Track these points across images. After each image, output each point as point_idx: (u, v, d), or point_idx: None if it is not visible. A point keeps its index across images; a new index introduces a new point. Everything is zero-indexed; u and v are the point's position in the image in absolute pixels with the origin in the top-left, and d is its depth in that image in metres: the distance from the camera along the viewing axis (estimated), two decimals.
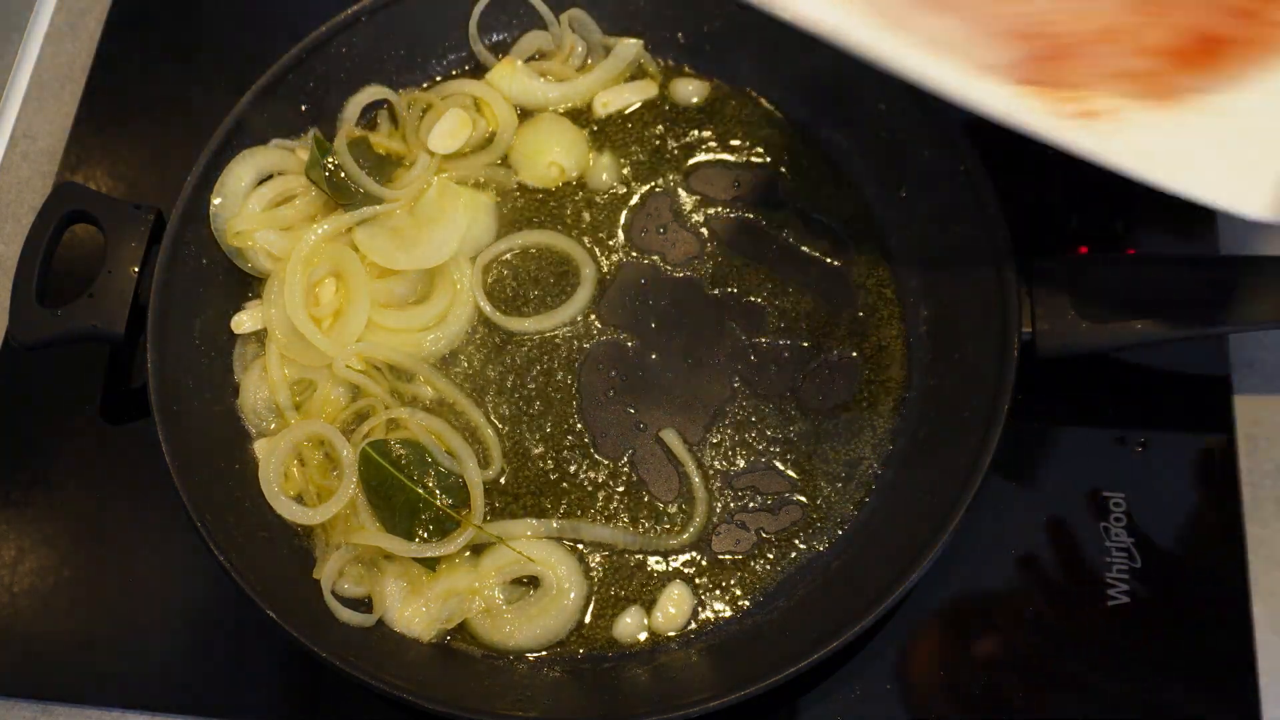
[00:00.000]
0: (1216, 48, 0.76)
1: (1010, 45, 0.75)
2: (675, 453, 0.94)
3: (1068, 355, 0.89)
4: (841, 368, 0.96)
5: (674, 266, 1.00)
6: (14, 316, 0.93)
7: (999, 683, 0.88)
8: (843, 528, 0.91)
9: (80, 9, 1.21)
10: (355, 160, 0.98)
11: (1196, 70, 0.76)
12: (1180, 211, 1.02)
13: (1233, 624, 0.88)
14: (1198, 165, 0.74)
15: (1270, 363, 0.97)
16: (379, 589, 0.89)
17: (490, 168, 1.02)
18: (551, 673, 0.87)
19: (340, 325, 0.94)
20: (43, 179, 1.13)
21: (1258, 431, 0.94)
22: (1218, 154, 0.75)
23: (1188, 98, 0.76)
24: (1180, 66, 0.76)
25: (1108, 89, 0.76)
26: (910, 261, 0.98)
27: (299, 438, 0.92)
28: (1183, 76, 0.76)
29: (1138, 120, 0.75)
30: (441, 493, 0.90)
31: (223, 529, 0.86)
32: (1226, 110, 0.76)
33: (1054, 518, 0.92)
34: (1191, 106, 0.76)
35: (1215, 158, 0.74)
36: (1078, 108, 0.75)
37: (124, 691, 0.92)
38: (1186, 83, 0.76)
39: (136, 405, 0.99)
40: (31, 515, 0.98)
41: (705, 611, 0.89)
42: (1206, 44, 0.76)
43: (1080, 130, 0.74)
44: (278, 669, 0.92)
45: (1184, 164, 0.74)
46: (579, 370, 0.97)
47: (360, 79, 1.03)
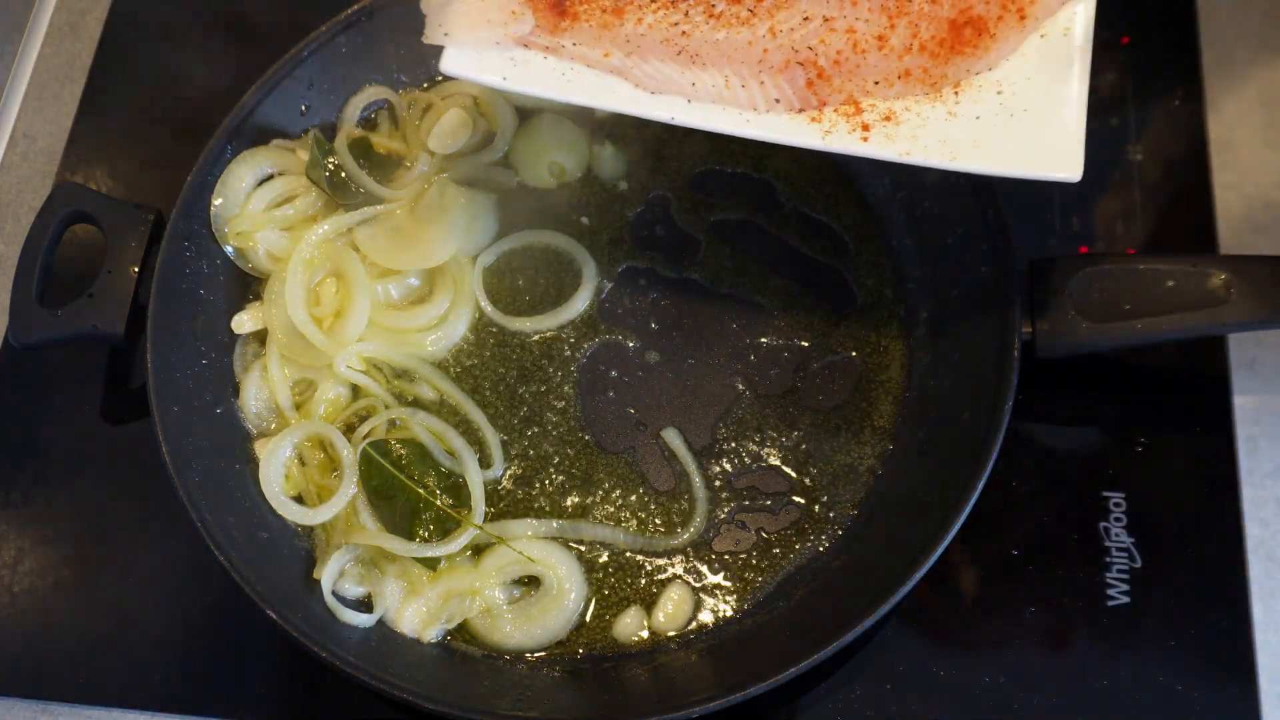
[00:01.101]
0: (976, 28, 0.79)
1: (785, 76, 0.78)
2: (675, 452, 0.94)
3: (1068, 355, 0.89)
4: (841, 368, 0.96)
5: (674, 266, 1.00)
6: (14, 316, 0.93)
7: (999, 682, 0.88)
8: (843, 528, 0.91)
9: (80, 9, 1.21)
10: (356, 160, 0.98)
11: (963, 54, 0.79)
12: (1180, 212, 1.03)
13: (1233, 624, 0.88)
14: (994, 143, 0.77)
15: (1270, 363, 0.97)
16: (379, 589, 0.89)
17: (491, 168, 1.02)
18: (551, 673, 0.87)
19: (341, 325, 0.94)
20: (43, 179, 1.13)
21: (1258, 431, 0.94)
22: (1008, 128, 0.77)
23: (964, 83, 0.79)
24: (948, 55, 0.79)
25: (893, 92, 0.79)
26: (910, 261, 0.98)
27: (299, 438, 0.92)
28: (953, 64, 0.79)
29: (931, 114, 0.78)
30: (442, 493, 0.90)
31: (223, 529, 0.86)
32: (1002, 85, 0.79)
33: (1054, 518, 0.92)
34: (971, 90, 0.79)
35: (1008, 132, 0.77)
36: (869, 116, 0.78)
37: (124, 691, 0.92)
38: (958, 69, 0.79)
39: (136, 405, 1.00)
40: (31, 515, 0.98)
41: (705, 612, 0.89)
42: (966, 27, 0.79)
43: (881, 139, 0.78)
44: (278, 669, 0.92)
45: (983, 144, 0.77)
46: (579, 370, 0.97)
47: (360, 79, 1.03)
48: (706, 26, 0.79)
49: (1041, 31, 0.79)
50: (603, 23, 0.80)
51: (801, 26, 0.79)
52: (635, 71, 0.79)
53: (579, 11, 0.80)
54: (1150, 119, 1.06)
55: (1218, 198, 1.02)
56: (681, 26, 0.79)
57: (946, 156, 0.77)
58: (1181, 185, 1.03)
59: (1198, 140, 1.04)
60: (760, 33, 0.79)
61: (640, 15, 0.80)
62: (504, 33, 0.79)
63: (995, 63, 0.79)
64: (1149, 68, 1.08)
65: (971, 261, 0.93)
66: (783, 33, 0.79)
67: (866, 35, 0.79)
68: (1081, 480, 0.93)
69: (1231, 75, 1.07)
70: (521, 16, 0.79)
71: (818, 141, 0.78)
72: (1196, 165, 1.03)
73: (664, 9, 0.80)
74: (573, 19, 0.80)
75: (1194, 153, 1.04)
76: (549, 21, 0.80)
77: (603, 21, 0.80)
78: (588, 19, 0.80)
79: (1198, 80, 1.07)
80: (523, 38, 0.79)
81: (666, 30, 0.79)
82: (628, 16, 0.80)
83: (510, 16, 0.79)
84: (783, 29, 0.79)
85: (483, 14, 0.79)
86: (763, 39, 0.79)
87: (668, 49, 0.79)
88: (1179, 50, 1.08)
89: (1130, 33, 1.09)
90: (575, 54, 0.80)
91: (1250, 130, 1.05)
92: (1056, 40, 0.79)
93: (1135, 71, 1.08)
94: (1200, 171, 1.03)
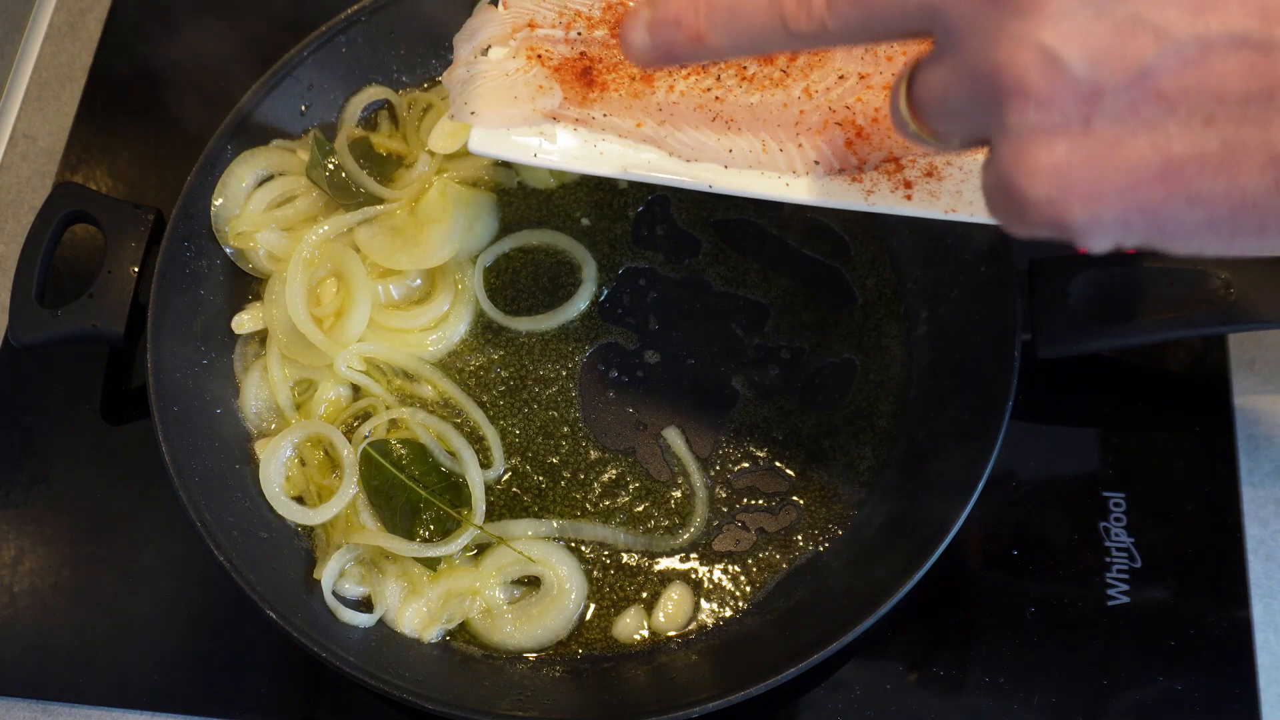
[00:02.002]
0: None
1: (824, 137, 0.77)
2: (676, 452, 0.94)
3: (1068, 355, 0.89)
4: (841, 368, 0.96)
5: (674, 266, 1.00)
6: (14, 316, 0.93)
7: (999, 682, 0.88)
8: (843, 528, 0.91)
9: (80, 9, 1.21)
10: (356, 160, 0.98)
11: None
12: None
13: (1233, 624, 0.88)
14: None
15: (1270, 363, 0.97)
16: (380, 589, 0.89)
17: (491, 168, 1.02)
18: (551, 673, 0.87)
19: (341, 325, 0.94)
20: (43, 179, 1.13)
21: (1258, 431, 0.94)
22: None
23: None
24: None
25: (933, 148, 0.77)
26: (910, 261, 0.98)
27: (300, 438, 0.92)
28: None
29: (974, 167, 0.77)
30: (442, 493, 0.90)
31: (223, 529, 0.86)
32: None
33: (1054, 518, 0.92)
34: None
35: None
36: (910, 173, 0.76)
37: (124, 691, 0.92)
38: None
39: (136, 405, 1.00)
40: (31, 515, 0.98)
41: (705, 611, 0.89)
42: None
43: (925, 196, 0.76)
44: (278, 669, 0.92)
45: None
46: (580, 370, 0.97)
47: (361, 79, 1.03)
48: (740, 90, 0.77)
49: None
50: (633, 91, 0.77)
51: (837, 85, 0.77)
52: (669, 140, 0.77)
53: (608, 81, 0.78)
54: None
55: None
56: (714, 92, 0.77)
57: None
58: None
59: None
60: (795, 94, 0.77)
61: (671, 82, 0.78)
62: (533, 108, 0.76)
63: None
64: None
65: (971, 261, 0.93)
66: (818, 93, 0.77)
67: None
68: (1081, 480, 0.93)
69: None
70: (549, 91, 0.77)
71: (861, 203, 0.76)
72: None
73: (695, 74, 0.78)
74: (602, 89, 0.77)
75: None
76: (578, 94, 0.77)
77: (633, 90, 0.77)
78: (617, 88, 0.77)
79: None
80: (552, 111, 0.77)
81: (699, 96, 0.77)
82: (658, 84, 0.77)
83: (538, 91, 0.77)
84: (818, 89, 0.77)
85: (509, 90, 0.77)
86: (798, 100, 0.77)
87: (702, 115, 0.77)
88: None
89: None
90: (607, 125, 0.77)
91: None
92: None
93: None
94: None
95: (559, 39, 0.79)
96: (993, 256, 0.90)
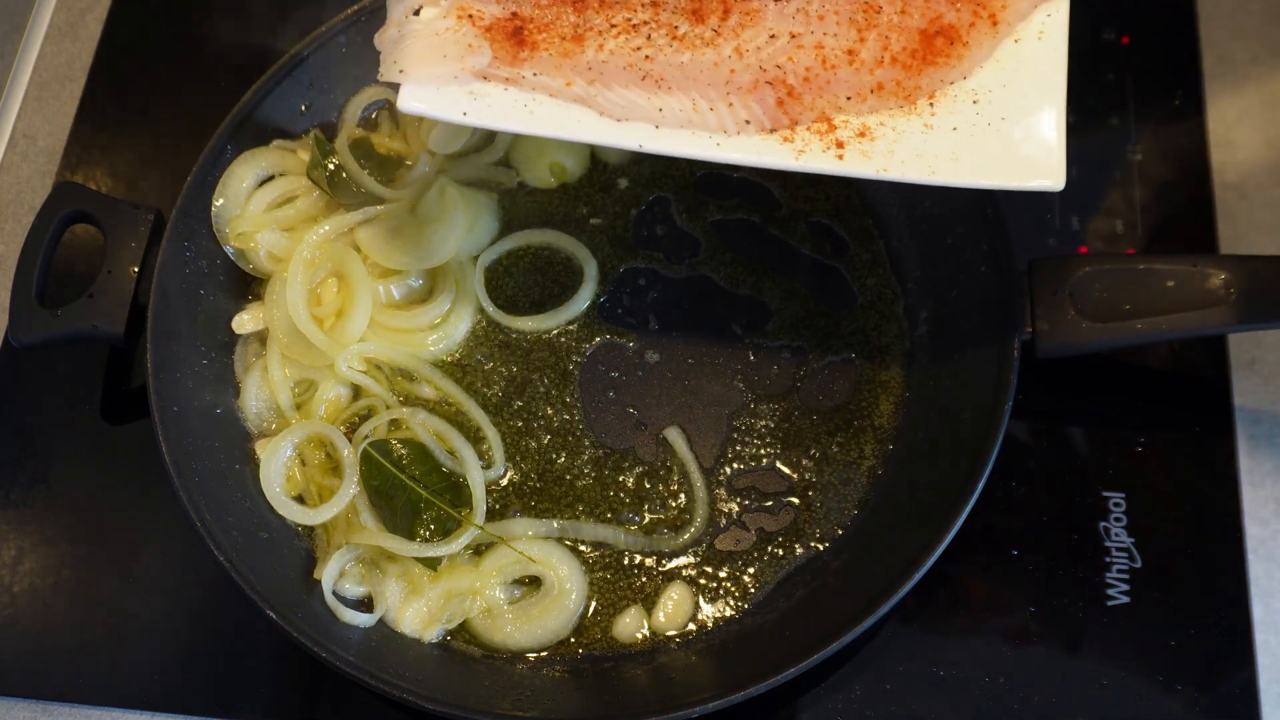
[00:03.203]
0: (947, 37, 0.77)
1: (754, 96, 0.77)
2: (676, 452, 0.94)
3: (1068, 355, 0.89)
4: (841, 368, 0.96)
5: (675, 266, 1.00)
6: (14, 316, 0.93)
7: (999, 682, 0.88)
8: (843, 528, 0.91)
9: (80, 9, 1.21)
10: (357, 160, 0.98)
11: (936, 64, 0.77)
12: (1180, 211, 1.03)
13: (1233, 624, 0.88)
14: (973, 155, 0.76)
15: (1270, 363, 0.97)
16: (380, 589, 0.89)
17: (491, 168, 1.02)
18: (551, 673, 0.87)
19: (342, 325, 0.94)
20: (43, 179, 1.13)
21: (1258, 431, 0.94)
22: (987, 139, 0.76)
23: (939, 93, 0.77)
24: (921, 66, 0.77)
25: (866, 107, 0.77)
26: (910, 261, 0.98)
27: (300, 438, 0.92)
28: (926, 75, 0.77)
29: (906, 128, 0.77)
30: (443, 493, 0.90)
31: (223, 529, 0.86)
32: (978, 94, 0.77)
33: (1054, 518, 0.92)
34: (946, 101, 0.77)
35: (987, 143, 0.76)
36: (843, 134, 0.77)
37: (124, 691, 0.92)
38: (931, 80, 0.77)
39: (136, 405, 1.00)
40: (31, 515, 0.98)
41: (705, 611, 0.89)
42: (938, 36, 0.78)
43: (857, 156, 0.76)
44: (278, 669, 0.92)
45: (962, 157, 0.76)
46: (580, 370, 0.97)
47: (361, 79, 1.03)
48: (670, 49, 0.77)
49: (1015, 36, 0.78)
50: (563, 51, 0.77)
51: (768, 45, 0.77)
52: (599, 99, 0.77)
53: (538, 40, 0.78)
54: (1150, 119, 1.06)
55: (1218, 198, 1.02)
56: (644, 51, 0.78)
57: (925, 171, 0.75)
58: (1181, 185, 1.03)
59: (1198, 140, 1.04)
60: (726, 53, 0.77)
61: (601, 41, 0.78)
62: (461, 66, 0.76)
63: (970, 71, 0.78)
64: (1149, 68, 1.08)
65: (971, 261, 0.93)
66: (749, 52, 0.77)
67: (835, 50, 0.77)
68: (1081, 480, 0.93)
69: (1231, 75, 1.07)
70: (478, 49, 0.77)
71: (791, 162, 0.76)
72: (1196, 165, 1.03)
73: (625, 34, 0.78)
74: (532, 48, 0.77)
75: (1194, 153, 1.04)
76: (507, 52, 0.77)
77: (563, 50, 0.77)
78: (547, 48, 0.77)
79: (1198, 80, 1.07)
80: (481, 70, 0.77)
81: (629, 55, 0.77)
82: (588, 43, 0.77)
83: (467, 50, 0.77)
84: (749, 48, 0.77)
85: (438, 49, 0.77)
86: (729, 59, 0.77)
87: (631, 74, 0.77)
88: (1179, 50, 1.08)
89: (1130, 33, 1.09)
90: (537, 84, 0.77)
91: (1250, 130, 1.05)
92: (1031, 45, 0.78)
93: (1135, 71, 1.08)
94: (1200, 171, 1.03)
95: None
96: (993, 256, 0.91)
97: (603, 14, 0.79)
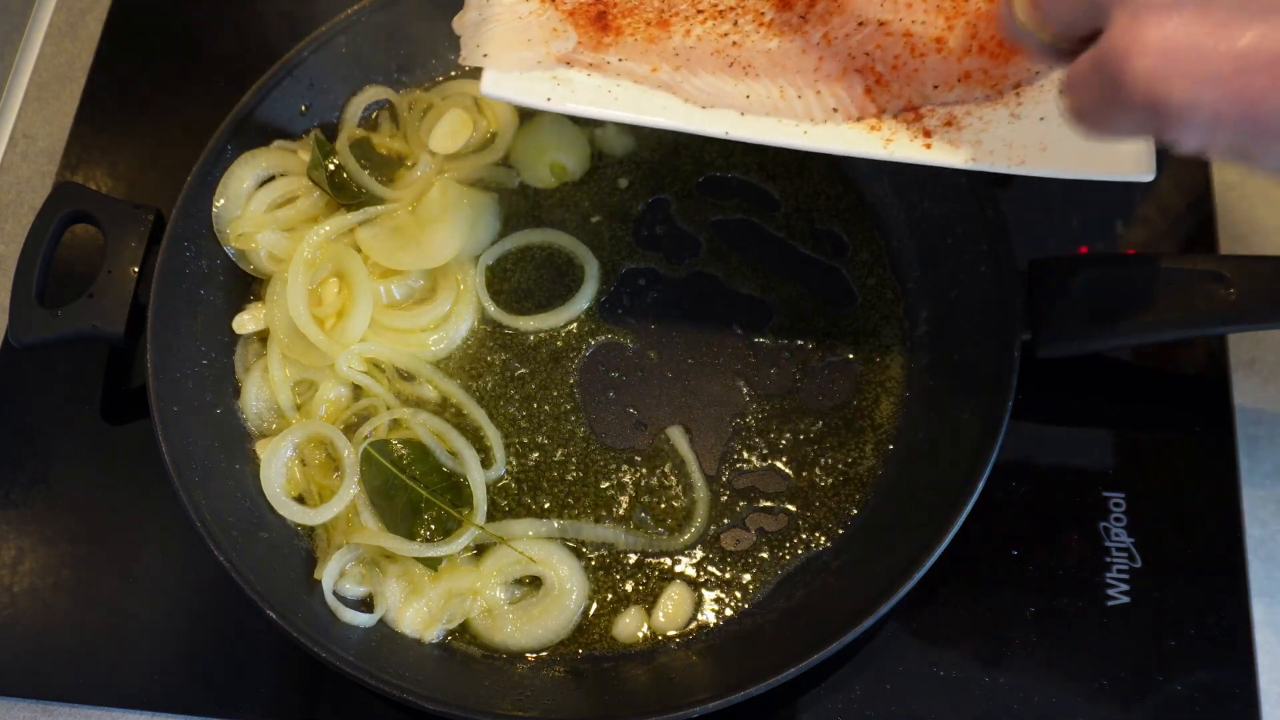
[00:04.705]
0: None
1: (842, 84, 0.76)
2: (677, 452, 0.94)
3: (1068, 355, 0.89)
4: (841, 368, 0.96)
5: (675, 266, 1.00)
6: (14, 316, 0.93)
7: (999, 682, 0.88)
8: (843, 528, 0.91)
9: (80, 9, 1.21)
10: (357, 161, 0.98)
11: (1023, 54, 0.75)
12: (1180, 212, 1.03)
13: (1233, 624, 0.88)
14: (1062, 145, 0.74)
15: (1270, 363, 0.97)
16: (381, 589, 0.89)
17: (492, 168, 1.02)
18: (551, 673, 0.87)
19: (343, 325, 0.94)
20: (43, 179, 1.13)
21: (1258, 431, 0.94)
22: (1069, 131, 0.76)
23: (1026, 83, 0.76)
24: (1008, 55, 0.76)
25: (953, 96, 0.76)
26: (910, 261, 0.98)
27: (300, 438, 0.92)
28: (1014, 64, 0.76)
29: (994, 117, 0.76)
30: (443, 492, 0.90)
31: (223, 529, 0.86)
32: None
33: (1054, 518, 0.92)
34: (1034, 91, 0.76)
35: (1075, 133, 0.75)
36: (930, 122, 0.75)
37: (124, 691, 0.91)
38: (1019, 69, 0.76)
39: (136, 405, 0.99)
40: (31, 515, 0.98)
41: (705, 611, 0.89)
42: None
43: (945, 146, 0.75)
44: (278, 669, 0.92)
45: (1050, 147, 0.74)
46: (581, 370, 0.97)
47: (361, 79, 1.03)
48: (758, 36, 0.76)
49: None
50: (648, 36, 0.76)
51: (857, 32, 0.76)
52: (685, 86, 0.76)
53: (623, 25, 0.76)
54: None
55: (1218, 198, 1.02)
56: (732, 37, 0.76)
57: (1015, 161, 0.74)
58: (1181, 185, 1.03)
59: None
60: (814, 40, 0.76)
61: (688, 27, 0.76)
62: (546, 51, 0.75)
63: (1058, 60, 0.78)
64: None
65: (971, 261, 0.93)
66: (837, 39, 0.76)
67: (924, 38, 0.76)
68: (1081, 480, 0.93)
69: None
70: (563, 34, 0.75)
71: (880, 151, 0.75)
72: (1196, 165, 1.03)
73: (712, 19, 0.77)
74: (616, 33, 0.76)
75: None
76: (592, 37, 0.76)
77: (648, 35, 0.76)
78: (632, 33, 0.76)
79: None
80: (565, 55, 0.76)
81: (716, 41, 0.76)
82: (674, 29, 0.76)
83: (551, 34, 0.75)
84: (837, 35, 0.76)
85: (522, 33, 0.75)
86: (817, 46, 0.76)
87: (718, 60, 0.75)
88: None
89: None
90: (621, 70, 0.76)
91: None
92: None
93: None
94: (1200, 171, 1.03)
95: None
96: (993, 256, 0.91)
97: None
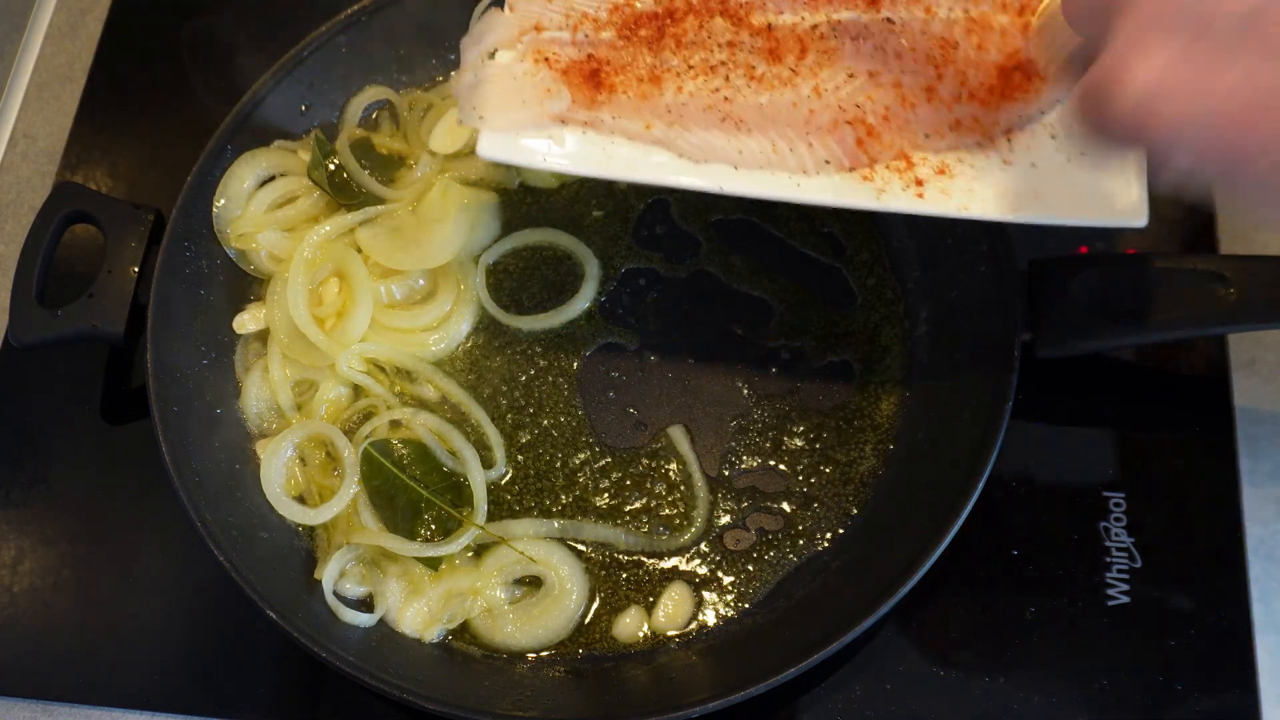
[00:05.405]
0: (1025, 72, 0.77)
1: (834, 136, 0.76)
2: (677, 452, 0.94)
3: (1068, 355, 0.89)
4: (841, 368, 0.96)
5: (675, 266, 1.00)
6: (14, 316, 0.93)
7: (999, 682, 0.88)
8: (843, 528, 0.91)
9: (80, 9, 1.21)
10: (357, 160, 0.98)
11: (1014, 100, 0.77)
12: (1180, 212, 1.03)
13: (1233, 624, 0.88)
14: (1054, 192, 0.75)
15: (1270, 363, 0.97)
16: (381, 589, 0.89)
17: (492, 168, 1.02)
18: (551, 673, 0.87)
19: (343, 325, 0.94)
20: (43, 179, 1.13)
21: (1258, 431, 0.94)
22: (1067, 175, 0.76)
23: (1018, 129, 0.77)
24: (999, 102, 0.77)
25: (945, 144, 0.77)
26: (910, 261, 0.98)
27: (301, 438, 0.92)
28: (1005, 111, 0.77)
29: (985, 165, 0.76)
30: (444, 492, 0.90)
31: (223, 529, 0.86)
32: (1056, 128, 0.77)
33: (1054, 518, 0.92)
34: (1025, 136, 0.77)
35: (1067, 179, 0.75)
36: (922, 171, 0.76)
37: (124, 691, 0.92)
38: (1010, 115, 0.77)
39: (136, 405, 0.99)
40: (31, 515, 0.98)
41: (705, 611, 0.89)
42: (1015, 71, 0.77)
43: (937, 194, 0.75)
44: (278, 669, 0.92)
45: (1043, 194, 0.75)
46: (580, 370, 0.97)
47: (361, 79, 1.03)
48: (749, 90, 0.77)
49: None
50: (641, 93, 0.77)
51: (847, 84, 0.77)
52: (679, 141, 0.77)
53: (615, 83, 0.77)
54: None
55: (1218, 198, 1.02)
56: (723, 92, 0.77)
57: (1007, 209, 0.75)
58: None
59: None
60: (805, 93, 0.77)
61: (679, 83, 0.77)
62: (540, 111, 0.76)
63: (1048, 106, 0.77)
64: None
65: (971, 261, 0.93)
66: (828, 91, 0.77)
67: (914, 88, 0.77)
68: (1081, 480, 0.93)
69: None
70: (557, 94, 0.77)
71: (873, 202, 0.76)
72: None
73: (703, 75, 0.77)
74: (610, 91, 0.77)
75: None
76: (586, 95, 0.77)
77: (641, 92, 0.77)
78: (625, 90, 0.77)
79: None
80: (560, 114, 0.77)
81: (708, 97, 0.77)
82: (666, 85, 0.77)
83: (545, 94, 0.76)
84: (827, 88, 0.77)
85: (517, 94, 0.76)
86: (808, 99, 0.76)
87: (711, 116, 0.76)
88: None
89: None
90: (615, 127, 0.77)
91: None
92: None
93: None
94: None
95: (566, 41, 0.79)
96: (993, 256, 0.91)
97: (679, 55, 0.78)
